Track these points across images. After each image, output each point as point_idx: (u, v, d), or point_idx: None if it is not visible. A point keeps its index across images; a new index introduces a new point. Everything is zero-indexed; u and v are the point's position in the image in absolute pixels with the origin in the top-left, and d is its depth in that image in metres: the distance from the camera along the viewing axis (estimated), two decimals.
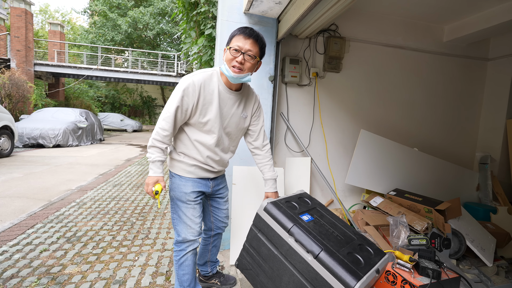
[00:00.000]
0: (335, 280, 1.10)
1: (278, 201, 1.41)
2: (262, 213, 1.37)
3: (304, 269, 1.20)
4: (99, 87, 19.80)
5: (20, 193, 3.76)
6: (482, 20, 2.73)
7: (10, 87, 10.29)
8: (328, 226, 1.38)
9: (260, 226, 1.37)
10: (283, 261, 1.27)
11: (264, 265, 1.34)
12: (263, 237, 1.35)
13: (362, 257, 1.23)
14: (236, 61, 1.30)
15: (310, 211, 1.45)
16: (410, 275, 1.58)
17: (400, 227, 2.04)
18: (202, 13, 3.13)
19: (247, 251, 1.43)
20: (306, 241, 1.21)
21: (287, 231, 1.26)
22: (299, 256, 1.21)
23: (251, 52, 1.31)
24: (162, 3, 19.50)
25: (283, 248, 1.27)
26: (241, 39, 1.30)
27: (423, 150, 3.05)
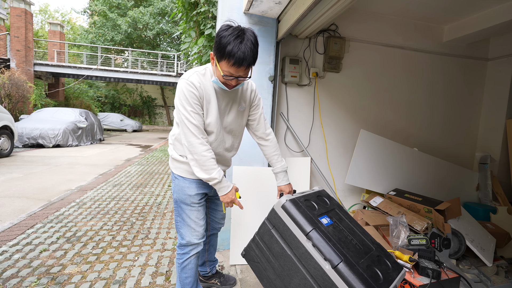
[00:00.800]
0: None
1: (297, 199, 1.34)
2: (279, 210, 1.30)
3: (319, 277, 1.15)
4: (99, 87, 19.80)
5: (20, 193, 3.76)
6: (482, 20, 2.73)
7: (10, 87, 10.28)
8: (347, 232, 1.34)
9: (275, 223, 1.31)
10: (296, 263, 1.22)
11: (274, 261, 1.30)
12: (277, 234, 1.30)
13: (380, 271, 1.20)
14: (230, 84, 1.24)
15: (329, 213, 1.40)
16: (410, 275, 1.58)
17: (400, 227, 2.04)
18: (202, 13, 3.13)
19: (257, 244, 1.37)
20: (325, 248, 1.16)
21: (305, 234, 1.21)
22: (315, 262, 1.17)
23: (245, 74, 1.22)
24: (162, 3, 19.50)
25: (298, 250, 1.23)
26: (230, 67, 1.16)
27: (423, 150, 3.05)
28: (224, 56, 1.14)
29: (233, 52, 1.12)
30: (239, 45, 1.12)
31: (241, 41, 1.13)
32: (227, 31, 1.14)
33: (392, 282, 1.18)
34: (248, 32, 1.17)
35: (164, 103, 23.92)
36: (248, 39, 1.15)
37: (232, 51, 1.12)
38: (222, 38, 1.14)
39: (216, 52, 1.17)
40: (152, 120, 23.91)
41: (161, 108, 24.18)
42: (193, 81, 1.25)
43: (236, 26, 1.17)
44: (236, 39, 1.12)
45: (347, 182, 2.71)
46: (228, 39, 1.12)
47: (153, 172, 5.39)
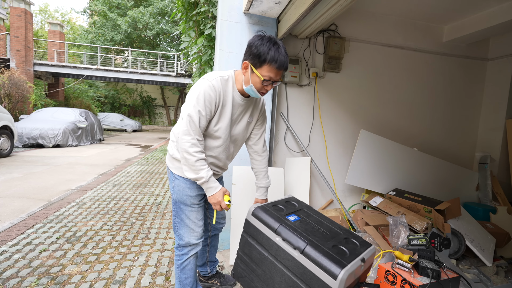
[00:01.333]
0: (321, 271, 1.14)
1: (265, 205, 1.46)
2: (250, 217, 1.40)
3: (293, 266, 1.23)
4: (98, 87, 19.79)
5: (20, 193, 3.76)
6: (482, 20, 2.73)
7: (10, 87, 10.28)
8: (314, 224, 1.43)
9: (249, 231, 1.41)
10: (273, 262, 1.30)
11: (257, 269, 1.37)
12: (254, 241, 1.39)
13: (347, 248, 1.27)
14: (266, 89, 1.32)
15: (296, 212, 1.50)
16: (410, 275, 1.58)
17: (399, 227, 2.04)
18: (202, 13, 3.13)
19: (241, 258, 1.45)
20: (292, 238, 1.26)
21: (274, 231, 1.31)
22: (287, 253, 1.25)
23: (281, 79, 1.35)
24: (162, 3, 19.50)
25: (272, 249, 1.31)
26: (274, 70, 1.25)
27: (422, 150, 3.05)
28: (267, 61, 1.24)
29: (275, 57, 1.23)
30: (278, 50, 1.24)
31: (277, 47, 1.25)
32: (262, 40, 1.26)
33: (359, 255, 1.26)
34: (280, 41, 1.29)
35: (164, 103, 23.92)
36: (282, 46, 1.27)
37: (275, 56, 1.23)
38: (260, 47, 1.24)
39: (255, 59, 1.26)
40: (152, 120, 23.90)
41: (161, 108, 24.18)
42: (215, 84, 1.30)
43: (268, 36, 1.29)
44: (274, 46, 1.24)
45: (347, 182, 2.71)
46: (268, 46, 1.24)
47: (153, 172, 5.39)
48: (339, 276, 1.10)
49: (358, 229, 2.44)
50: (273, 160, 2.71)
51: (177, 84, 16.07)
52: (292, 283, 1.23)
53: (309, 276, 1.18)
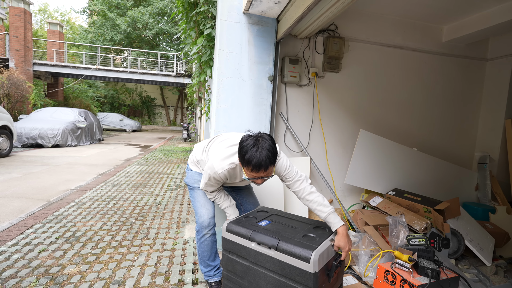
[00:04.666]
0: (296, 260, 1.23)
1: (238, 218, 1.57)
2: (226, 234, 1.49)
3: (272, 265, 1.30)
4: (98, 87, 19.76)
5: (19, 193, 3.75)
6: (481, 20, 2.73)
7: (9, 87, 10.26)
8: (285, 223, 1.52)
9: (228, 248, 1.48)
10: (255, 269, 1.37)
11: (243, 282, 1.43)
12: (234, 256, 1.46)
13: (316, 234, 1.38)
14: (257, 183, 1.43)
15: (268, 217, 1.60)
16: (409, 275, 1.59)
17: (399, 227, 2.05)
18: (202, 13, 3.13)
19: (227, 277, 1.52)
20: (266, 239, 1.33)
21: (248, 239, 1.39)
22: (265, 255, 1.32)
23: (268, 175, 1.38)
24: (162, 3, 19.48)
25: (251, 256, 1.38)
26: (251, 172, 1.35)
27: (422, 150, 3.05)
28: (244, 163, 1.36)
29: (250, 160, 1.32)
30: (255, 153, 1.31)
31: (256, 149, 1.32)
32: (246, 141, 1.36)
33: (328, 236, 1.37)
34: (264, 139, 1.36)
35: (163, 103, 23.90)
36: (263, 147, 1.32)
37: (249, 159, 1.32)
38: (242, 148, 1.36)
39: (240, 159, 1.39)
40: (151, 120, 23.88)
41: (160, 108, 24.15)
42: (221, 174, 1.50)
43: (254, 135, 1.38)
44: (252, 148, 1.32)
45: (346, 182, 2.71)
46: (246, 149, 1.34)
47: (152, 172, 5.39)
48: (311, 258, 1.19)
49: (357, 229, 2.44)
50: None
51: (176, 84, 16.06)
52: (276, 282, 1.30)
53: (288, 269, 1.25)
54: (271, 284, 1.31)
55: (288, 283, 1.26)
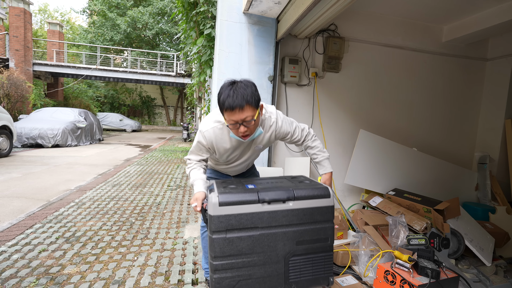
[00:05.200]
0: (317, 200, 1.29)
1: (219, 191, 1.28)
2: (221, 209, 1.22)
3: (291, 218, 1.27)
4: (98, 87, 19.76)
5: (19, 193, 3.75)
6: (481, 20, 2.73)
7: (9, 87, 10.26)
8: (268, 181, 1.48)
9: (227, 226, 1.23)
10: (269, 233, 1.25)
11: (252, 258, 1.25)
12: (236, 233, 1.23)
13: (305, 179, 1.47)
14: (240, 132, 1.30)
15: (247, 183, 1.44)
16: (409, 275, 1.59)
17: (399, 227, 2.05)
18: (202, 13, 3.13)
19: (223, 268, 1.24)
20: (276, 195, 1.26)
21: (258, 202, 1.24)
22: (280, 212, 1.26)
23: (248, 118, 1.25)
24: (161, 3, 19.48)
25: (263, 222, 1.24)
26: (230, 114, 1.25)
27: (422, 150, 3.05)
28: (220, 106, 1.28)
29: (224, 99, 1.24)
30: (229, 92, 1.24)
31: (231, 88, 1.24)
32: (222, 87, 1.29)
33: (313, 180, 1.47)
34: (242, 82, 1.27)
35: (163, 103, 23.89)
36: (239, 86, 1.24)
37: (223, 99, 1.24)
38: (219, 93, 1.28)
39: (218, 105, 1.30)
40: (151, 120, 23.88)
41: (160, 108, 24.15)
42: (206, 135, 1.42)
43: (232, 79, 1.30)
44: (227, 88, 1.26)
45: (346, 182, 2.71)
46: (221, 90, 1.27)
47: (152, 172, 5.39)
48: (330, 193, 1.32)
49: (357, 229, 2.44)
50: (272, 160, 2.71)
51: (176, 84, 16.06)
52: (295, 234, 1.28)
53: (309, 213, 1.29)
54: (290, 240, 1.28)
55: (309, 227, 1.29)
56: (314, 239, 1.31)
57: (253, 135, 1.35)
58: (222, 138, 1.42)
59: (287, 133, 1.51)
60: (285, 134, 1.51)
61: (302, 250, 1.30)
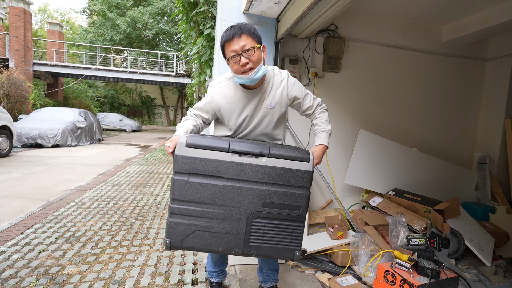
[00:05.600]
0: (294, 162, 1.18)
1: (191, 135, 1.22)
2: (186, 150, 1.16)
3: (261, 175, 1.17)
4: (98, 87, 19.76)
5: (19, 193, 3.75)
6: (480, 20, 2.73)
7: (9, 87, 10.26)
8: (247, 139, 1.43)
9: (187, 169, 1.16)
10: (235, 186, 1.17)
11: (213, 209, 1.17)
12: (199, 178, 1.17)
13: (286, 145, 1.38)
14: (241, 65, 1.25)
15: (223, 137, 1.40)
16: (409, 275, 1.59)
17: (399, 227, 2.05)
18: (201, 13, 3.13)
19: (180, 213, 1.19)
20: (250, 148, 1.17)
21: (227, 151, 1.16)
22: (251, 166, 1.16)
23: (247, 45, 1.23)
24: (161, 3, 19.48)
25: (230, 172, 1.16)
26: (229, 45, 1.26)
27: (422, 150, 3.05)
28: (221, 46, 1.30)
29: (222, 36, 1.29)
30: (230, 27, 1.28)
31: (231, 27, 1.28)
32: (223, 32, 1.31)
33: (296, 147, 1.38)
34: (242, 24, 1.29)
35: (163, 103, 23.89)
36: (238, 24, 1.27)
37: (222, 36, 1.29)
38: (220, 39, 1.30)
39: (222, 51, 1.32)
40: (151, 120, 23.88)
41: (160, 108, 24.15)
42: (212, 91, 1.41)
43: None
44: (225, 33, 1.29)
45: (346, 182, 2.71)
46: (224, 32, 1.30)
47: (152, 172, 5.39)
48: (310, 157, 1.19)
49: (357, 229, 2.44)
50: None
51: (176, 84, 16.06)
52: (265, 195, 1.18)
53: (282, 174, 1.17)
54: (256, 199, 1.17)
55: (279, 190, 1.18)
56: (284, 204, 1.19)
57: (257, 71, 1.26)
58: (229, 93, 1.38)
59: (299, 94, 1.44)
60: (297, 93, 1.43)
61: (268, 213, 1.19)
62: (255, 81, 1.29)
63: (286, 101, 1.43)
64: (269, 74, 1.40)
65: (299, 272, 2.12)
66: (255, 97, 1.39)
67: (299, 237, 1.21)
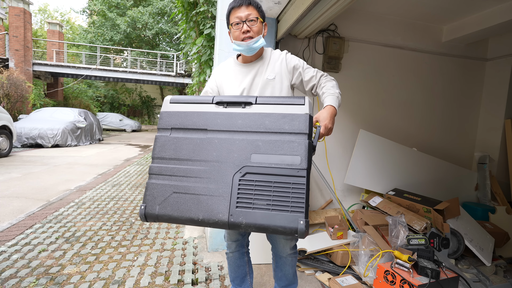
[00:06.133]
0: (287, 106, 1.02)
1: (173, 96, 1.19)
2: (171, 106, 1.13)
3: (249, 123, 1.03)
4: (98, 87, 19.77)
5: (19, 193, 3.75)
6: (481, 20, 2.73)
7: (9, 87, 10.25)
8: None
9: (170, 124, 1.11)
10: (220, 138, 1.05)
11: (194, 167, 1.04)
12: (182, 133, 1.08)
13: None
14: (242, 32, 1.29)
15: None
16: (409, 275, 1.59)
17: (399, 227, 2.05)
18: (201, 13, 3.13)
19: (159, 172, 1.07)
20: (236, 98, 1.09)
21: (211, 103, 1.09)
22: (238, 114, 1.05)
23: (252, 16, 1.29)
24: (161, 3, 19.48)
25: (215, 124, 1.06)
26: (235, 11, 1.30)
27: (422, 150, 3.05)
28: (228, 13, 1.33)
29: (229, 4, 1.33)
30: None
31: None
32: None
33: None
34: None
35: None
36: None
37: (229, 4, 1.33)
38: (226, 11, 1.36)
39: (227, 19, 1.36)
40: (151, 120, 23.89)
41: (160, 108, 24.16)
42: (214, 71, 1.51)
43: None
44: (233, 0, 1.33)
45: (346, 182, 2.71)
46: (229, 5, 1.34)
47: None
48: (305, 100, 1.00)
49: (357, 229, 2.44)
50: None
51: (176, 84, 16.06)
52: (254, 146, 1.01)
53: (274, 119, 1.01)
54: (244, 151, 1.00)
55: (271, 138, 0.99)
56: (279, 155, 0.97)
57: (256, 41, 1.29)
58: (228, 68, 1.45)
59: (299, 63, 1.38)
60: (296, 62, 1.37)
61: (259, 167, 0.97)
62: (253, 51, 1.33)
63: (286, 73, 1.37)
64: (268, 50, 1.44)
65: (299, 272, 2.12)
66: (252, 70, 1.39)
67: (301, 198, 0.92)
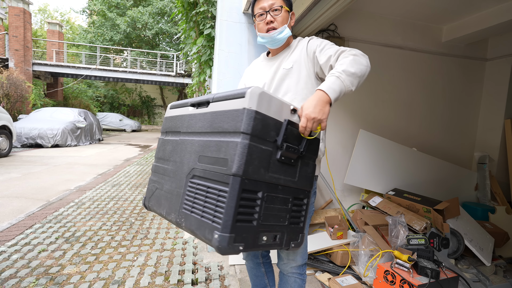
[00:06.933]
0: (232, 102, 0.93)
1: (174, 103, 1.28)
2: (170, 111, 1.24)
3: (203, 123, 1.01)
4: (98, 87, 19.77)
5: (19, 193, 3.75)
6: (480, 20, 2.73)
7: (8, 87, 10.25)
8: None
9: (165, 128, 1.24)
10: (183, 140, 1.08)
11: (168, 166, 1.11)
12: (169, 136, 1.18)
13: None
14: (265, 23, 1.23)
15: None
16: (409, 275, 1.59)
17: (399, 226, 2.05)
18: (201, 13, 3.13)
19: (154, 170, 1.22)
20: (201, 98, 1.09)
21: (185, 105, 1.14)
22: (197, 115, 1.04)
23: (275, 5, 1.21)
24: (161, 3, 19.48)
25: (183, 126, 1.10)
26: (258, 2, 1.24)
27: (421, 150, 3.05)
28: (252, 3, 1.29)
29: None
30: None
31: None
32: None
33: None
34: None
35: (163, 103, 23.90)
36: None
37: None
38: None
39: (251, 11, 1.32)
40: (151, 120, 23.89)
41: (160, 108, 24.16)
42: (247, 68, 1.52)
43: None
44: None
45: (346, 182, 2.71)
46: None
47: None
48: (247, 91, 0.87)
49: (357, 229, 2.45)
50: None
51: (176, 84, 16.06)
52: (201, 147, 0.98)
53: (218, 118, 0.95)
54: (194, 153, 0.99)
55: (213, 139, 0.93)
56: (214, 158, 0.89)
57: (280, 32, 1.23)
58: (256, 63, 1.46)
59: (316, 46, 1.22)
60: (314, 48, 1.22)
61: (201, 171, 0.93)
62: (277, 43, 1.27)
63: (306, 61, 1.22)
64: (297, 39, 1.32)
65: None
66: (276, 63, 1.31)
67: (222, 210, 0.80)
